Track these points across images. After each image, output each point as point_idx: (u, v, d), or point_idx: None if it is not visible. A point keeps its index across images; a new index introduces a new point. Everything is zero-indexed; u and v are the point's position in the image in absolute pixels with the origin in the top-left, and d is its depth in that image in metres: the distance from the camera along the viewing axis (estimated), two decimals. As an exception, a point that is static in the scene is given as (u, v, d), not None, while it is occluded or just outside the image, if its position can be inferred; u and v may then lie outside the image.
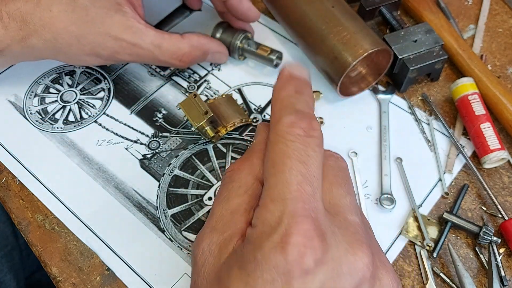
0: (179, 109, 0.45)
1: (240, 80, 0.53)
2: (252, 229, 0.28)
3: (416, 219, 0.44)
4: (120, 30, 0.44)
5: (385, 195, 0.45)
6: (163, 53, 0.46)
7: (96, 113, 0.51)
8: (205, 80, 0.53)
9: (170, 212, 0.45)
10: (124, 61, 0.48)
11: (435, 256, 0.42)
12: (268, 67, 0.54)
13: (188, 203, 0.45)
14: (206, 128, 0.46)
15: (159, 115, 0.51)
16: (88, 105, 0.51)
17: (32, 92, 0.52)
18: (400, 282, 0.31)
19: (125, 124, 0.50)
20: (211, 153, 0.48)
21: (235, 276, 0.26)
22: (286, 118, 0.29)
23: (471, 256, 0.43)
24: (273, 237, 0.26)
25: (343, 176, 0.31)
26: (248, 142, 0.49)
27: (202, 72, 0.54)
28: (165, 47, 0.46)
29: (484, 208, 0.45)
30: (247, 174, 0.31)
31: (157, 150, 0.48)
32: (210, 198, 0.46)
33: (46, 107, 0.51)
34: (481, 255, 0.42)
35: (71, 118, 0.51)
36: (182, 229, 0.44)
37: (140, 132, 0.49)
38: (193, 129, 0.46)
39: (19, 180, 0.47)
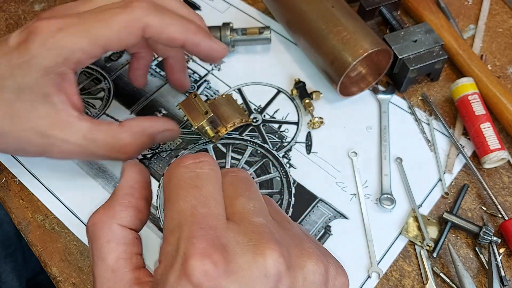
0: (179, 109, 0.45)
1: (240, 80, 0.53)
2: (157, 268, 0.27)
3: (416, 219, 0.44)
4: (47, 125, 0.38)
5: (385, 195, 0.45)
6: (99, 147, 0.39)
7: (96, 113, 0.51)
8: (205, 80, 0.53)
9: (170, 212, 0.45)
10: (59, 159, 0.41)
11: (435, 256, 0.42)
12: (267, 66, 0.54)
13: (188, 203, 0.45)
14: (206, 128, 0.46)
15: (159, 115, 0.51)
16: (88, 105, 0.51)
17: (32, 92, 0.52)
18: (336, 262, 0.30)
19: (125, 124, 0.50)
20: (211, 153, 0.48)
21: None
22: (173, 163, 0.29)
23: (471, 256, 0.43)
24: (174, 267, 0.25)
25: (244, 186, 0.30)
26: (248, 142, 0.49)
27: (202, 72, 0.54)
28: (101, 140, 0.39)
29: (484, 208, 0.45)
30: (111, 224, 0.30)
31: (157, 150, 0.48)
32: (210, 198, 0.46)
33: (46, 107, 0.51)
34: (481, 255, 0.42)
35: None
36: (182, 229, 0.44)
37: (140, 132, 0.49)
38: (193, 129, 0.46)
39: (19, 180, 0.47)
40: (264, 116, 0.51)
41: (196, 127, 0.46)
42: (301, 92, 0.51)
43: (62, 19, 0.37)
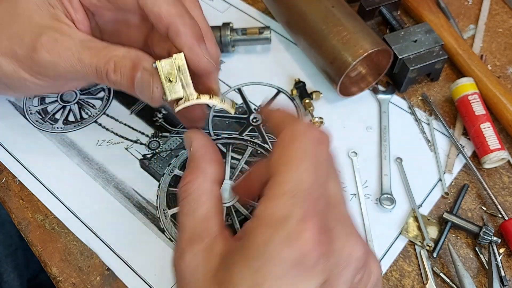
0: (155, 66, 0.35)
1: (240, 80, 0.53)
2: (253, 221, 0.28)
3: (416, 219, 0.44)
4: (46, 26, 0.37)
5: (385, 195, 0.45)
6: (90, 54, 0.36)
7: (96, 113, 0.51)
8: (205, 80, 0.53)
9: (170, 212, 0.45)
10: (41, 67, 0.38)
11: (435, 256, 0.42)
12: (267, 66, 0.54)
13: (188, 203, 0.45)
14: (171, 71, 0.36)
15: (159, 115, 0.51)
16: (88, 105, 0.51)
17: (32, 92, 0.52)
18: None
19: (125, 124, 0.50)
20: (211, 153, 0.48)
21: (240, 274, 0.26)
22: (301, 123, 0.30)
23: (471, 256, 0.43)
24: (284, 231, 0.26)
25: (335, 168, 0.31)
26: (248, 142, 0.49)
27: (202, 72, 0.54)
28: (95, 46, 0.37)
29: (484, 208, 0.45)
30: (203, 181, 0.32)
31: (157, 150, 0.48)
32: (210, 198, 0.46)
33: (46, 107, 0.51)
34: (481, 255, 0.42)
35: (71, 118, 0.51)
36: (182, 229, 0.44)
37: (140, 132, 0.49)
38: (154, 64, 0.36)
39: (19, 180, 0.47)
40: (264, 116, 0.51)
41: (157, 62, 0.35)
42: (301, 92, 0.51)
43: None
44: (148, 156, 0.48)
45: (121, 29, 0.43)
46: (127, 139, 0.49)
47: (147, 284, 0.41)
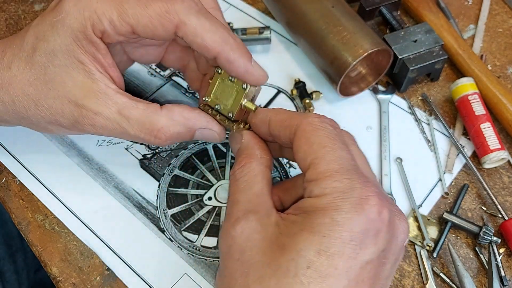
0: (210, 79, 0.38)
1: (240, 80, 0.53)
2: (315, 199, 0.30)
3: (416, 219, 0.44)
4: (81, 95, 0.36)
5: (385, 195, 0.45)
6: (132, 126, 0.37)
7: (96, 113, 0.51)
8: (205, 80, 0.53)
9: (170, 212, 0.45)
10: (89, 133, 0.39)
11: (435, 256, 0.42)
12: (267, 66, 0.54)
13: (188, 203, 0.45)
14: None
15: (159, 115, 0.50)
16: (88, 105, 0.51)
17: (32, 92, 0.52)
18: None
19: (125, 124, 0.50)
20: (211, 152, 0.48)
21: (306, 240, 0.28)
22: (312, 114, 0.33)
23: (471, 256, 0.43)
24: (351, 200, 0.29)
25: (358, 147, 0.35)
26: (248, 142, 0.49)
27: (202, 72, 0.54)
28: (136, 118, 0.37)
29: (484, 208, 0.45)
30: (258, 164, 0.34)
31: (157, 150, 0.48)
32: (210, 198, 0.46)
33: (46, 107, 0.51)
34: (481, 255, 0.42)
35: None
36: (182, 229, 0.44)
37: (140, 132, 0.49)
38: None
39: (19, 180, 0.47)
40: (264, 116, 0.51)
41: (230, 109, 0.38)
42: (301, 92, 0.51)
43: None
44: (148, 156, 0.48)
45: (140, 48, 0.42)
46: (127, 139, 0.49)
47: (147, 284, 0.41)
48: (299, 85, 0.51)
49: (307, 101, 0.50)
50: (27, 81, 0.37)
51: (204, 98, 0.39)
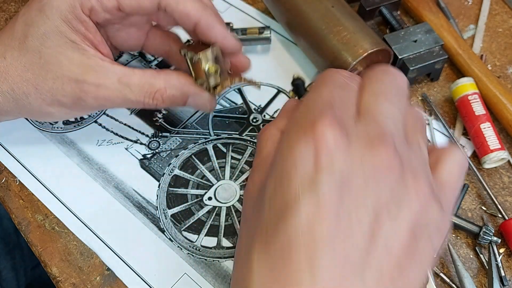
0: (183, 54, 0.40)
1: (240, 80, 0.53)
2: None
3: (416, 219, 0.44)
4: (80, 71, 0.38)
5: (385, 195, 0.45)
6: (133, 91, 0.39)
7: (96, 113, 0.51)
8: (205, 80, 0.53)
9: (170, 212, 0.45)
10: (93, 108, 0.41)
11: (435, 256, 0.42)
12: (267, 66, 0.54)
13: (188, 203, 0.45)
14: (208, 65, 0.40)
15: (159, 115, 0.51)
16: (88, 105, 0.51)
17: (32, 92, 0.52)
18: None
19: (125, 124, 0.50)
20: (211, 152, 0.48)
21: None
22: (331, 70, 0.33)
23: (471, 256, 0.43)
24: (300, 124, 0.29)
25: (391, 90, 0.32)
26: (248, 142, 0.49)
27: (202, 72, 0.54)
28: (136, 83, 0.39)
29: (484, 208, 0.45)
30: (270, 128, 0.34)
31: (157, 150, 0.48)
32: (210, 198, 0.46)
33: (46, 107, 0.51)
34: (481, 255, 0.42)
35: (71, 118, 0.51)
36: (182, 229, 0.44)
37: (140, 132, 0.49)
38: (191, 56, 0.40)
39: (19, 180, 0.47)
40: (264, 116, 0.51)
41: (198, 57, 0.39)
42: (298, 90, 0.50)
43: None
44: (148, 156, 0.48)
45: (122, 32, 0.44)
46: (127, 139, 0.49)
47: (147, 284, 0.41)
48: (297, 82, 0.50)
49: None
50: (23, 67, 0.38)
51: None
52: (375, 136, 0.28)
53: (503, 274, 0.41)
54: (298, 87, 0.51)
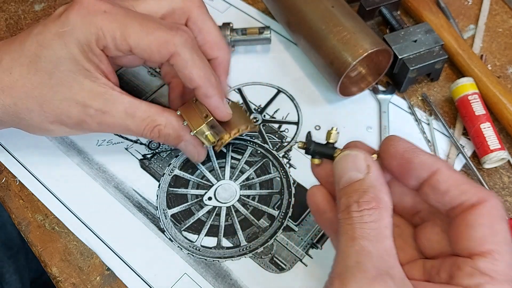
0: (179, 114, 0.43)
1: (240, 80, 0.53)
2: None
3: (416, 219, 0.44)
4: (89, 97, 0.40)
5: (385, 195, 0.45)
6: (135, 122, 0.41)
7: (96, 113, 0.51)
8: (205, 80, 0.53)
9: (170, 212, 0.45)
10: (92, 131, 0.42)
11: (435, 256, 0.42)
12: (267, 66, 0.54)
13: (188, 203, 0.45)
14: (206, 133, 0.43)
15: (159, 115, 0.50)
16: (88, 105, 0.51)
17: (32, 92, 0.52)
18: None
19: (125, 124, 0.50)
20: (211, 153, 0.48)
21: None
22: (496, 198, 0.29)
23: (471, 256, 0.43)
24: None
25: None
26: (248, 142, 0.49)
27: (202, 72, 0.54)
28: (140, 116, 0.41)
29: (484, 208, 0.45)
30: (387, 215, 0.30)
31: (157, 150, 0.48)
32: (210, 198, 0.46)
33: (46, 107, 0.51)
34: (481, 255, 0.42)
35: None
36: (182, 229, 0.44)
37: (140, 132, 0.49)
38: (191, 133, 0.43)
39: (19, 180, 0.47)
40: (264, 116, 0.51)
41: (195, 131, 0.43)
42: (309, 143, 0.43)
43: (111, 5, 0.39)
44: (148, 156, 0.48)
45: (128, 57, 0.45)
46: (127, 139, 0.49)
47: (147, 284, 0.41)
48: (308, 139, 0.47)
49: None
50: (31, 85, 0.39)
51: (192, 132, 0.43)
52: None
53: (503, 274, 0.41)
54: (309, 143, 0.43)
